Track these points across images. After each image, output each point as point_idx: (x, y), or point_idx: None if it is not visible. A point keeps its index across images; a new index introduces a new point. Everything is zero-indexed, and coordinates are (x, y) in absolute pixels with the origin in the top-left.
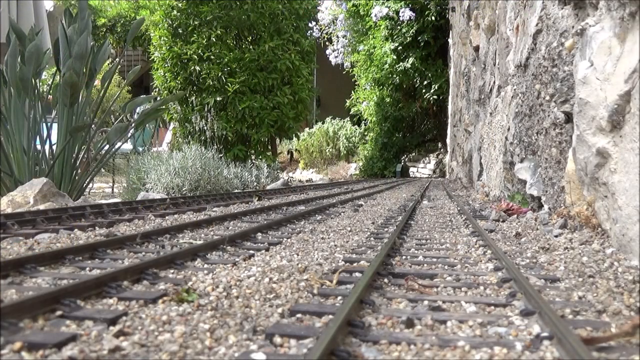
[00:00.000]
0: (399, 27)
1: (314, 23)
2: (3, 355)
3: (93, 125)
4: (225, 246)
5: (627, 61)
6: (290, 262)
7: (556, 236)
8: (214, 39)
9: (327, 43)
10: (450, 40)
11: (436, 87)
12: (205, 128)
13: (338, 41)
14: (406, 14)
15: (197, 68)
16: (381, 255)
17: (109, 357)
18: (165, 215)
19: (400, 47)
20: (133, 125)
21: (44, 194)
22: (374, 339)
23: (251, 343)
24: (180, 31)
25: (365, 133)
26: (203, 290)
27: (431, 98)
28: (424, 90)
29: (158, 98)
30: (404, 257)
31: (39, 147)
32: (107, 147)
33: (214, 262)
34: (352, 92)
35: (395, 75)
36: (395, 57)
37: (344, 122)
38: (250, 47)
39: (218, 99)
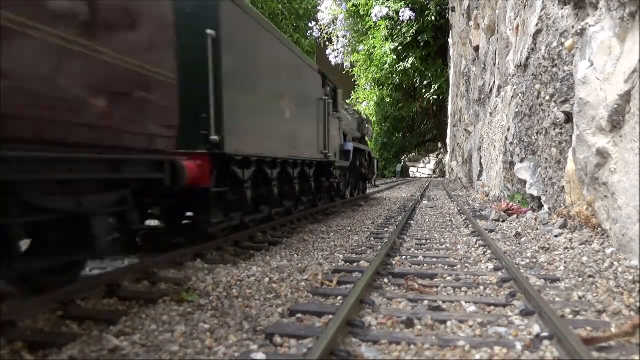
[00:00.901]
0: (399, 27)
1: (314, 23)
2: None
3: None
4: (227, 247)
5: (627, 61)
6: (290, 262)
7: (556, 236)
8: None
9: (327, 43)
10: (450, 40)
11: (436, 87)
12: None
13: (338, 41)
14: (406, 14)
15: None
16: (381, 255)
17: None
18: None
19: (400, 47)
20: None
21: None
22: (374, 339)
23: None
24: None
25: None
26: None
27: (431, 98)
28: (424, 90)
29: None
30: (404, 257)
31: None
32: None
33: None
34: (352, 92)
35: (395, 75)
36: (395, 57)
37: None
38: None
39: None
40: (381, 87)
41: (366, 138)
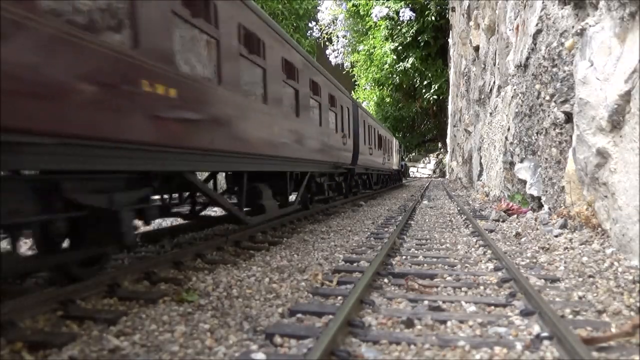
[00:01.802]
0: (399, 27)
1: (314, 23)
2: None
3: None
4: (227, 247)
5: (627, 61)
6: (290, 262)
7: (556, 236)
8: None
9: (327, 43)
10: (450, 40)
11: (436, 87)
12: None
13: (338, 41)
14: (406, 14)
15: None
16: (381, 255)
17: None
18: None
19: (400, 47)
20: None
21: None
22: (374, 339)
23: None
24: None
25: None
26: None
27: (431, 98)
28: (424, 90)
29: None
30: (404, 257)
31: None
32: None
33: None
34: (352, 92)
35: (395, 75)
36: (395, 57)
37: None
38: None
39: None
40: (381, 87)
41: (402, 154)
